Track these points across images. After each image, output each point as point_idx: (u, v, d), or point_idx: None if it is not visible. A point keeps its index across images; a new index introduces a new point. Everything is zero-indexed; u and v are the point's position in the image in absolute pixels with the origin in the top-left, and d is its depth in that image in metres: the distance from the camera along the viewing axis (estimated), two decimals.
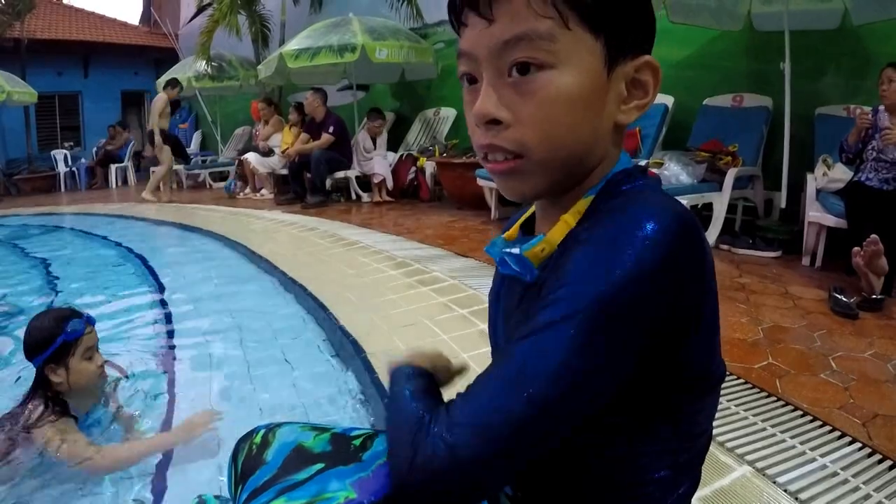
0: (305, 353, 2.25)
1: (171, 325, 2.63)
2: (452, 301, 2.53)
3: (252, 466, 0.64)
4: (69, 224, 6.05)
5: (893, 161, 2.84)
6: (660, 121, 4.25)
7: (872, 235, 2.39)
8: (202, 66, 8.25)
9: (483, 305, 2.32)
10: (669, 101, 4.28)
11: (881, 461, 1.37)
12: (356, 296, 2.72)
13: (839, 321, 2.28)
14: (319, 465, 0.60)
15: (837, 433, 1.48)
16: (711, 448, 0.62)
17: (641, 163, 3.59)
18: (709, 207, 3.56)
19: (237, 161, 7.81)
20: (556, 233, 0.54)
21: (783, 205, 3.49)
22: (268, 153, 7.22)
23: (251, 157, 7.19)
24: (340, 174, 6.22)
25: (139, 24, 14.59)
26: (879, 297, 2.40)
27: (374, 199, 6.10)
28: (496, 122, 0.52)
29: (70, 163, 10.29)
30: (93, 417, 1.64)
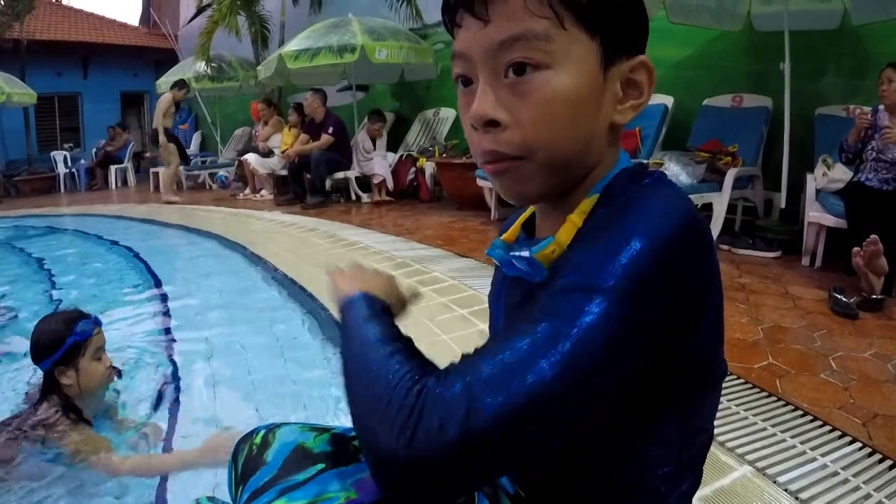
0: (305, 354, 2.24)
1: (171, 326, 2.63)
2: (452, 301, 2.53)
3: (252, 467, 0.64)
4: (69, 225, 6.05)
5: (893, 161, 2.84)
6: (659, 121, 4.25)
7: (872, 235, 2.39)
8: (202, 67, 8.24)
9: (483, 305, 2.32)
10: (669, 102, 4.28)
11: (881, 461, 1.37)
12: None
13: (839, 321, 2.28)
14: (320, 466, 0.60)
15: (838, 433, 1.48)
16: (712, 448, 0.62)
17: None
18: (708, 207, 3.56)
19: (237, 162, 7.81)
20: (565, 233, 0.53)
21: (783, 205, 3.49)
22: (267, 154, 7.21)
23: (251, 158, 7.18)
24: (340, 175, 6.22)
25: (139, 25, 14.58)
26: (879, 297, 2.40)
27: (374, 200, 6.09)
28: (494, 124, 0.52)
29: (70, 164, 10.28)
30: (98, 422, 1.63)
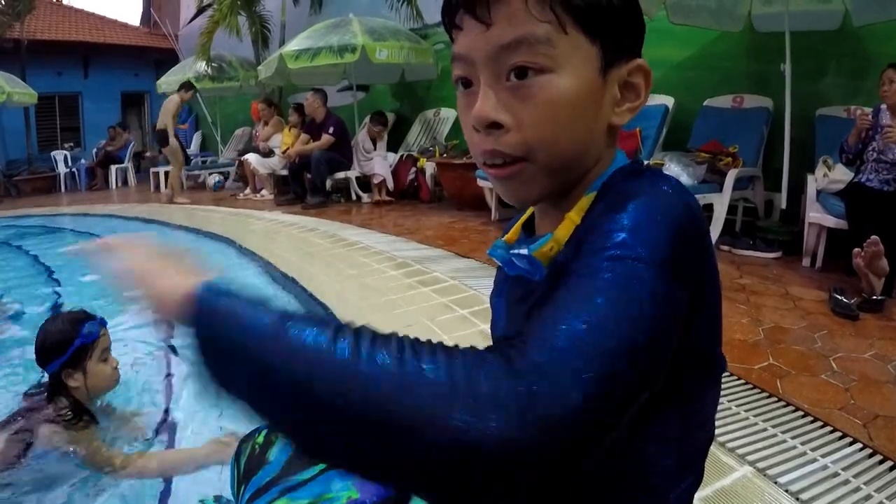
0: None
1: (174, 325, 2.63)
2: (453, 301, 2.53)
3: (255, 466, 0.64)
4: (69, 225, 6.05)
5: (894, 162, 2.85)
6: (660, 122, 4.26)
7: (873, 236, 2.39)
8: (202, 67, 8.25)
9: (483, 305, 2.32)
10: (670, 102, 4.28)
11: (882, 462, 1.37)
12: (357, 296, 2.72)
13: (840, 322, 2.28)
14: (322, 465, 0.60)
15: (838, 434, 1.48)
16: (712, 448, 0.62)
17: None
18: (709, 208, 3.56)
19: (237, 162, 7.81)
20: (563, 230, 0.54)
21: (783, 206, 3.49)
22: (268, 154, 7.21)
23: (251, 158, 7.18)
24: (340, 175, 6.22)
25: (139, 25, 14.59)
26: (880, 298, 2.40)
27: (375, 200, 6.09)
28: (496, 126, 0.52)
29: (70, 164, 10.28)
30: (103, 422, 1.62)
